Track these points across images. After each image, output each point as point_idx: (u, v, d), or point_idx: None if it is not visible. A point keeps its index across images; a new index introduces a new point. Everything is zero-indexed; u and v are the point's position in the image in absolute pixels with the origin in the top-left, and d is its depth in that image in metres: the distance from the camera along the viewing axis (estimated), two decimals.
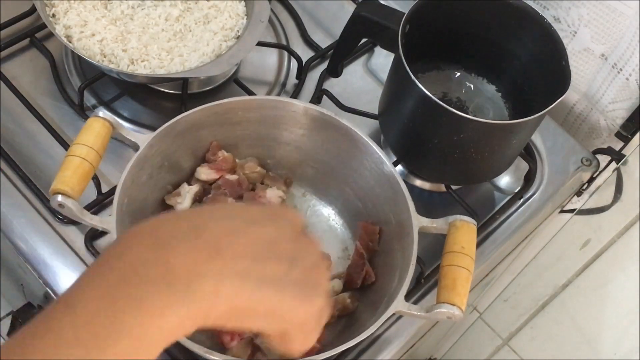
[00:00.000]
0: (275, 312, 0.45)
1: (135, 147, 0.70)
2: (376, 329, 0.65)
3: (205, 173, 0.76)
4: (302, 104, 0.76)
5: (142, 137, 0.70)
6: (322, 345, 0.68)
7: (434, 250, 0.76)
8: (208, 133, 0.76)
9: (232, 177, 0.76)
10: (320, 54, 0.93)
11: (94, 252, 0.74)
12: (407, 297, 0.78)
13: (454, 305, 0.64)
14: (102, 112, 0.69)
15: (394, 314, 0.67)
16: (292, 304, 0.46)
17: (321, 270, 0.50)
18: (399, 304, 0.66)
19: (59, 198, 0.64)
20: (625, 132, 0.93)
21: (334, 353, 0.65)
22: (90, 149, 0.67)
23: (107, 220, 0.66)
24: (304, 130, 0.78)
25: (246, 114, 0.76)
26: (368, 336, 0.75)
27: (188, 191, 0.75)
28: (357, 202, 0.79)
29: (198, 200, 0.76)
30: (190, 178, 0.77)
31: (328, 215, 0.80)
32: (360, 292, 0.75)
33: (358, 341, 0.65)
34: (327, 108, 0.90)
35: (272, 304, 0.45)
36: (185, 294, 0.41)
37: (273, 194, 0.77)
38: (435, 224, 0.71)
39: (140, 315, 0.40)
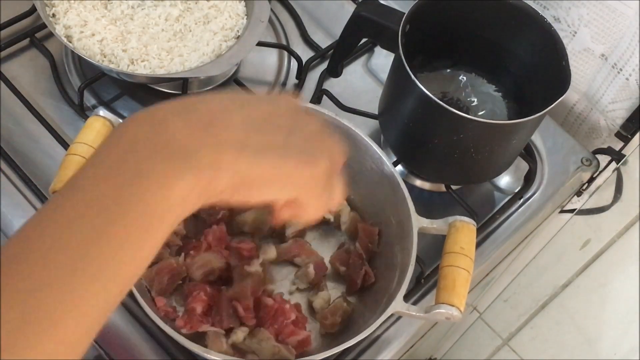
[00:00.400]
0: (280, 177, 0.46)
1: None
2: (375, 328, 0.65)
3: None
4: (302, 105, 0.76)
5: None
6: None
7: (434, 250, 0.76)
8: None
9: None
10: (320, 54, 0.93)
11: None
12: (407, 297, 0.78)
13: (452, 305, 0.64)
14: (103, 111, 0.69)
15: (393, 315, 0.67)
16: (296, 167, 0.47)
17: (323, 136, 0.50)
18: (397, 305, 0.66)
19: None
20: (625, 132, 0.93)
21: (333, 353, 0.66)
22: (90, 147, 0.67)
23: None
24: None
25: None
26: (368, 336, 0.75)
27: None
28: (357, 203, 0.78)
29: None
30: None
31: (327, 216, 0.80)
32: (360, 292, 0.75)
33: (357, 341, 0.65)
34: (327, 108, 0.90)
35: (274, 170, 0.46)
36: (185, 164, 0.42)
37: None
38: (434, 225, 0.71)
39: (144, 187, 0.41)
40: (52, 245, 0.38)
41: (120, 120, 0.69)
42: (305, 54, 0.94)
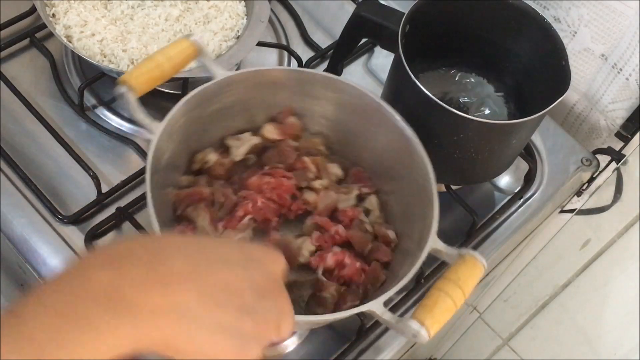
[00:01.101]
0: (208, 355, 0.45)
1: (212, 78, 0.72)
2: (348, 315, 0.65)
3: (269, 131, 0.77)
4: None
5: (221, 72, 0.72)
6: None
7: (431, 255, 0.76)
8: (286, 97, 0.77)
9: (293, 144, 0.78)
10: (320, 54, 0.93)
11: None
12: (408, 296, 0.78)
13: (423, 325, 0.60)
14: (194, 37, 0.71)
15: None
16: (225, 354, 0.46)
17: (280, 328, 0.49)
18: (374, 305, 0.64)
19: (123, 89, 0.66)
20: (625, 132, 0.93)
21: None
22: (170, 58, 0.69)
23: (155, 125, 0.67)
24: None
25: (326, 93, 0.76)
26: (368, 336, 0.75)
27: (249, 140, 0.76)
28: (390, 212, 0.78)
29: (254, 152, 0.77)
30: (256, 132, 0.78)
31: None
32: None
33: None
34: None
35: (204, 350, 0.45)
36: (127, 322, 0.42)
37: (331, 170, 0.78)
38: (446, 251, 0.68)
39: (81, 333, 0.41)
40: None
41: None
42: (305, 54, 0.94)
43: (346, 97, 0.76)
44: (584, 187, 0.96)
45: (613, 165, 0.95)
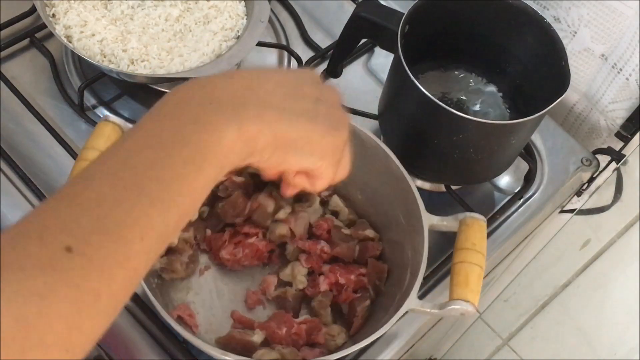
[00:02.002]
0: (311, 142, 0.51)
1: None
2: (390, 327, 0.66)
3: None
4: None
5: None
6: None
7: (436, 248, 0.76)
8: None
9: (238, 179, 0.76)
10: (320, 54, 0.93)
11: None
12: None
13: (467, 301, 0.65)
14: (112, 117, 0.68)
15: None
16: (324, 134, 0.52)
17: (342, 109, 0.56)
18: (411, 302, 0.66)
19: None
20: (625, 132, 0.93)
21: (350, 352, 0.66)
22: (101, 149, 0.66)
23: None
24: None
25: None
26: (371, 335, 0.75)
27: None
28: (366, 203, 0.79)
29: (204, 204, 0.75)
30: None
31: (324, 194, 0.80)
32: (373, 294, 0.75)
33: (372, 340, 0.65)
34: None
35: (307, 133, 0.51)
36: (234, 115, 0.47)
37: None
38: (445, 222, 0.71)
39: (199, 130, 0.46)
40: (118, 168, 0.43)
41: (130, 125, 0.70)
42: (305, 54, 0.94)
43: None
44: (584, 187, 0.96)
45: (613, 165, 0.95)
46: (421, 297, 0.79)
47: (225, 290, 0.75)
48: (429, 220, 0.71)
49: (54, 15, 0.82)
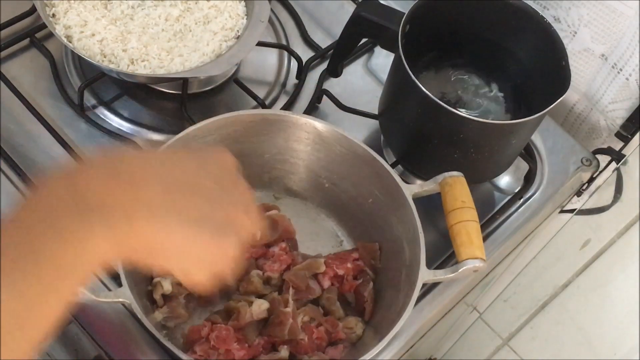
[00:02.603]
0: (188, 249, 0.45)
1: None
2: (414, 305, 0.66)
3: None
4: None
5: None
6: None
7: (436, 248, 0.76)
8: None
9: None
10: (320, 54, 0.93)
11: None
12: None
13: (476, 258, 0.66)
14: None
15: None
16: (204, 245, 0.46)
17: (244, 209, 0.49)
18: (424, 274, 0.67)
19: None
20: (625, 132, 0.93)
21: (384, 342, 0.65)
22: None
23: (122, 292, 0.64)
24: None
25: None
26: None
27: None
28: (335, 190, 0.79)
29: None
30: None
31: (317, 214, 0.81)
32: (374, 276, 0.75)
33: (402, 323, 0.65)
34: (327, 108, 0.90)
35: (184, 241, 0.45)
36: (99, 222, 0.42)
37: None
38: (425, 187, 0.72)
39: (58, 241, 0.41)
40: None
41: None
42: (305, 54, 0.94)
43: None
44: (584, 187, 0.96)
45: (613, 165, 0.95)
46: (421, 297, 0.79)
47: None
48: (410, 190, 0.72)
49: (54, 15, 0.82)
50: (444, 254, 0.80)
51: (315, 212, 0.81)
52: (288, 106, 0.88)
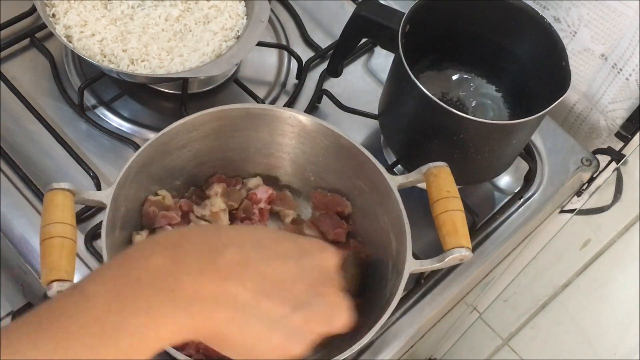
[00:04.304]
0: (258, 348, 0.46)
1: (102, 207, 0.66)
2: (400, 297, 0.66)
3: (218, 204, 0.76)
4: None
5: (104, 194, 0.66)
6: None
7: (435, 248, 0.76)
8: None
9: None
10: (320, 54, 0.93)
11: (94, 252, 0.74)
12: (406, 297, 0.78)
13: (462, 247, 0.66)
14: (57, 184, 0.63)
15: (393, 314, 0.67)
16: (273, 348, 0.47)
17: (332, 323, 0.49)
18: (410, 265, 0.67)
19: (56, 286, 0.57)
20: (625, 132, 0.93)
21: (373, 332, 0.65)
22: (63, 224, 0.61)
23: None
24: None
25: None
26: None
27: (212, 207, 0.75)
28: (320, 182, 0.79)
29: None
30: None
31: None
32: (358, 270, 0.75)
33: (389, 315, 0.65)
34: (327, 108, 0.90)
35: (256, 341, 0.46)
36: (185, 310, 0.44)
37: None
38: (410, 178, 0.72)
39: (145, 319, 0.43)
40: (54, 349, 0.41)
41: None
42: (305, 54, 0.94)
43: None
44: (584, 187, 0.96)
45: (613, 165, 0.95)
46: (418, 299, 0.79)
47: None
48: (395, 181, 0.72)
49: (54, 15, 0.82)
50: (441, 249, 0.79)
51: (302, 205, 0.81)
52: (288, 106, 0.88)
